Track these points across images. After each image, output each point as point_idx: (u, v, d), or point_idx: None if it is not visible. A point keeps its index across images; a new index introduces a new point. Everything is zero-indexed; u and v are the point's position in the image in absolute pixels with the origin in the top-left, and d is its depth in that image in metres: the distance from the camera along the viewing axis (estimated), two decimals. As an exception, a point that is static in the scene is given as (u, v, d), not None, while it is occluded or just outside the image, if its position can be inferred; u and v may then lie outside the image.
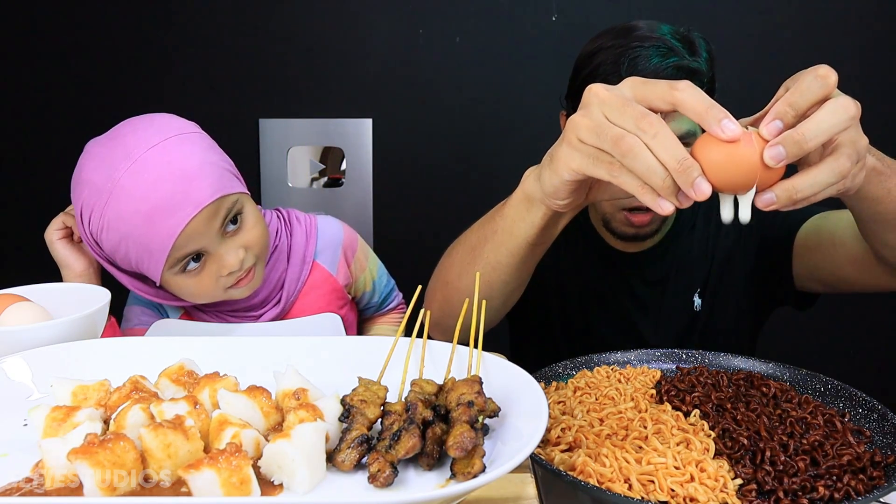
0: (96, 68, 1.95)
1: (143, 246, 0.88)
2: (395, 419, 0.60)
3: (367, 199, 2.11)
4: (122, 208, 0.86)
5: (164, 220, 0.86)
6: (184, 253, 0.90)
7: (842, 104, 0.59)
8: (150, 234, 0.87)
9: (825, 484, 0.64)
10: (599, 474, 0.65)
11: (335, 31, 1.96)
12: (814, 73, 0.60)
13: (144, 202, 0.86)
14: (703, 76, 1.05)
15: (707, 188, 0.57)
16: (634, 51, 1.03)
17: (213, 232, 0.91)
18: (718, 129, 0.57)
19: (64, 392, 0.64)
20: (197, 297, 0.97)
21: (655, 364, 0.93)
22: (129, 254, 0.90)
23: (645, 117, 0.59)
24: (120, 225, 0.87)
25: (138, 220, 0.86)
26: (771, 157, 0.58)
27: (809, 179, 0.59)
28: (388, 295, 1.25)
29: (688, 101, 0.60)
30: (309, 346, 0.74)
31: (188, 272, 0.93)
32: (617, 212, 1.13)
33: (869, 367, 1.91)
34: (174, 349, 0.72)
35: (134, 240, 0.88)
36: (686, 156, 0.58)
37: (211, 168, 0.90)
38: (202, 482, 0.50)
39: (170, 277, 0.93)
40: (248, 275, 0.97)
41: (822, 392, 0.84)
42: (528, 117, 2.00)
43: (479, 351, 0.70)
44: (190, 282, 0.94)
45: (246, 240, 0.95)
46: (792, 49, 1.82)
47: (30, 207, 1.87)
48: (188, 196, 0.87)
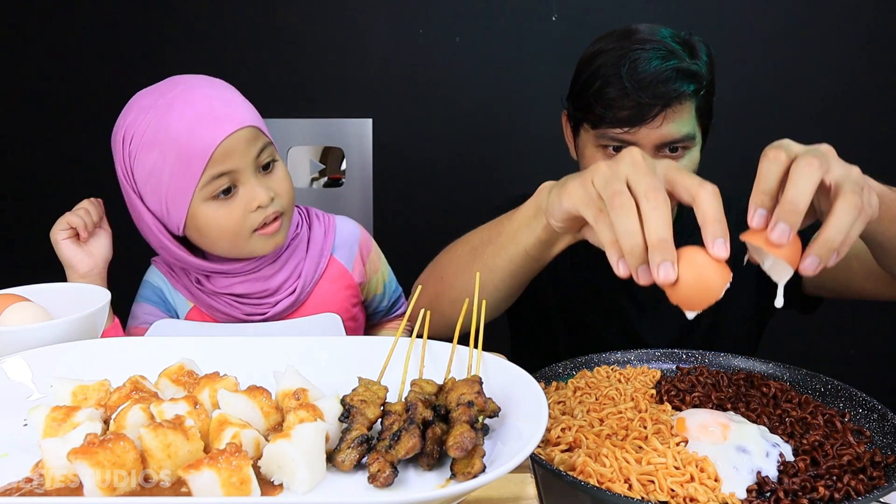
0: (97, 69, 1.95)
1: (181, 158, 0.90)
2: (395, 419, 0.60)
3: (367, 199, 2.11)
4: (168, 117, 0.90)
5: (206, 129, 0.90)
6: (220, 170, 0.92)
7: (805, 166, 0.61)
8: (192, 143, 0.90)
9: (825, 484, 0.64)
10: (599, 474, 0.65)
11: (335, 31, 1.97)
12: (765, 158, 0.64)
13: (190, 110, 0.90)
14: (702, 79, 1.06)
15: (671, 276, 0.58)
16: (635, 53, 1.04)
17: (249, 160, 0.94)
18: (711, 243, 0.60)
19: (64, 392, 0.64)
20: (222, 237, 0.96)
21: (655, 364, 0.93)
22: (162, 176, 0.92)
23: (658, 192, 0.61)
24: (162, 137, 0.90)
25: (182, 128, 0.89)
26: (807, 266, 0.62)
27: (835, 228, 0.61)
28: (397, 301, 1.26)
29: (705, 203, 0.62)
30: (309, 346, 0.74)
31: (218, 199, 0.94)
32: None
33: (869, 367, 1.91)
34: (174, 349, 0.72)
35: (174, 153, 0.90)
36: (669, 240, 0.59)
37: (251, 109, 0.97)
38: (202, 482, 0.50)
39: (199, 206, 0.94)
40: (275, 222, 0.98)
41: (822, 392, 0.84)
42: (527, 117, 2.00)
43: (479, 351, 0.70)
44: (220, 212, 0.94)
45: (277, 186, 0.98)
46: (792, 49, 1.82)
47: (30, 207, 1.87)
48: (231, 114, 0.92)
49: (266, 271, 1.04)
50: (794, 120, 1.83)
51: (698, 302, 0.59)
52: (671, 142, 1.06)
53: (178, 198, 0.93)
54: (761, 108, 1.81)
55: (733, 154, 1.78)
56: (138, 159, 0.93)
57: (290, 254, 1.08)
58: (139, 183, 0.95)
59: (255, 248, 0.99)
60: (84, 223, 1.00)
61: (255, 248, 0.99)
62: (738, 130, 1.80)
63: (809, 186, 0.61)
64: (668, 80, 1.02)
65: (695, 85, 1.04)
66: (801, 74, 1.82)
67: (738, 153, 1.78)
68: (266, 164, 0.98)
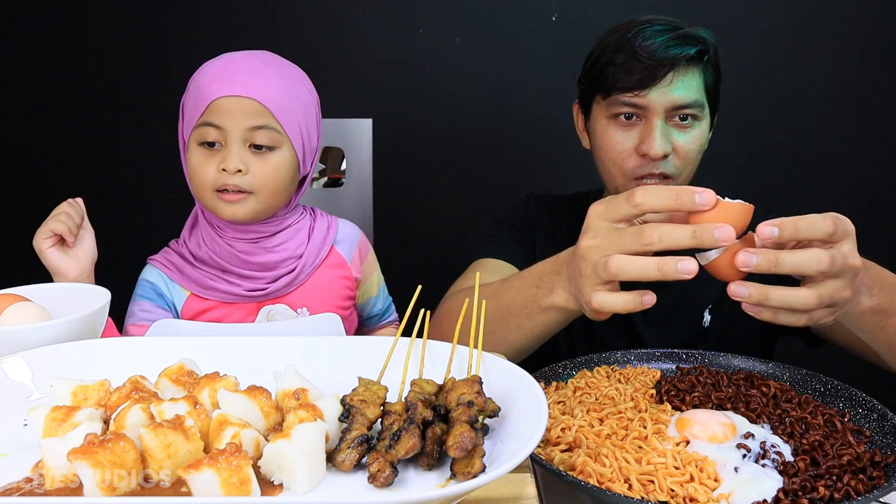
0: (96, 70, 1.95)
1: (199, 94, 1.03)
2: (395, 419, 0.60)
3: (367, 199, 2.11)
4: (211, 66, 1.05)
5: (218, 83, 1.02)
6: (210, 120, 1.02)
7: (821, 255, 0.67)
8: (203, 88, 1.02)
9: (825, 484, 0.64)
10: (599, 474, 0.65)
11: (335, 31, 1.96)
12: (825, 217, 0.68)
13: (223, 66, 1.04)
14: (706, 43, 1.10)
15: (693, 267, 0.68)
16: (642, 25, 1.10)
17: (240, 128, 1.02)
18: (698, 205, 0.68)
19: (64, 392, 0.64)
20: (195, 183, 1.06)
21: (655, 364, 0.93)
22: (183, 107, 1.06)
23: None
24: (198, 73, 1.05)
25: (209, 76, 1.03)
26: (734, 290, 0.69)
27: (780, 294, 0.68)
28: (388, 307, 1.31)
29: (649, 202, 0.71)
30: (309, 346, 0.74)
31: (203, 147, 1.04)
32: (628, 182, 1.14)
33: (869, 367, 1.90)
34: (174, 349, 0.72)
35: (196, 84, 1.04)
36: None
37: (278, 94, 1.03)
38: (202, 482, 0.50)
39: (192, 146, 1.05)
40: (237, 194, 1.04)
41: (822, 392, 0.84)
42: (527, 117, 2.00)
43: (479, 351, 0.70)
44: (199, 158, 1.04)
45: (255, 167, 1.04)
46: (792, 49, 1.82)
47: (30, 207, 1.87)
48: (247, 83, 1.02)
49: (265, 242, 1.10)
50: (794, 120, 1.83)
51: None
52: (681, 106, 1.09)
53: (186, 127, 1.06)
54: (761, 104, 1.81)
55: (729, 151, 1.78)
56: (185, 99, 1.08)
57: (292, 235, 1.13)
58: (182, 109, 1.08)
59: (217, 208, 1.05)
60: (68, 228, 1.00)
61: (217, 208, 1.05)
62: (739, 130, 1.80)
63: (811, 268, 0.67)
64: (674, 45, 1.07)
65: (699, 47, 1.09)
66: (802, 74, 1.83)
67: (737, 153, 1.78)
68: (260, 146, 1.03)
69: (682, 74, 1.08)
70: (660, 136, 1.08)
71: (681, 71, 1.08)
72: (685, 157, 1.11)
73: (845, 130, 1.84)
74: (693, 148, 1.12)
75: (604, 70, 1.11)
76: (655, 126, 1.08)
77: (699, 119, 1.12)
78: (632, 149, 1.11)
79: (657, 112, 1.08)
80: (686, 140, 1.11)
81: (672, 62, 1.06)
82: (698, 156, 1.14)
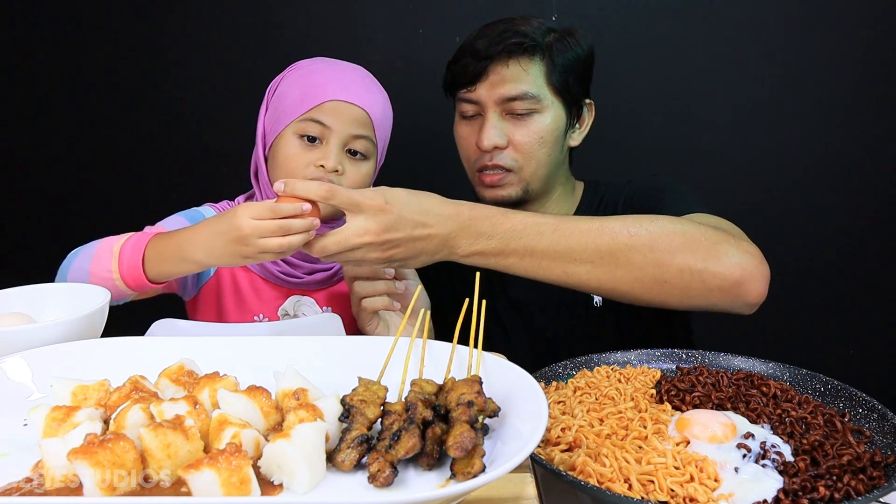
0: (96, 70, 1.95)
1: (304, 91, 1.09)
2: (395, 419, 0.60)
3: (367, 199, 2.11)
4: (322, 68, 1.12)
5: (334, 86, 1.08)
6: (316, 117, 1.07)
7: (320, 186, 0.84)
8: (316, 87, 1.08)
9: (825, 484, 0.64)
10: (599, 474, 0.65)
11: (335, 31, 1.96)
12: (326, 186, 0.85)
13: (338, 73, 1.11)
14: (531, 39, 1.14)
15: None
16: (482, 28, 1.18)
17: (343, 132, 1.08)
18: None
19: (64, 392, 0.64)
20: (288, 167, 1.09)
21: (655, 364, 0.93)
22: (286, 96, 1.10)
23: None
24: (305, 73, 1.12)
25: (321, 77, 1.09)
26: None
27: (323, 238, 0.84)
28: None
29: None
30: (309, 346, 0.74)
31: (302, 140, 1.09)
32: (474, 174, 1.21)
33: (869, 367, 1.90)
34: (174, 349, 0.73)
35: (302, 85, 1.10)
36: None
37: (383, 111, 1.13)
38: (202, 482, 0.50)
39: (288, 133, 1.09)
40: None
41: (822, 392, 0.84)
42: (528, 117, 2.00)
43: (479, 351, 0.70)
44: (295, 149, 1.09)
45: (348, 177, 1.09)
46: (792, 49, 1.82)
47: (30, 207, 1.87)
48: (360, 95, 1.09)
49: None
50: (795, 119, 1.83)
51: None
52: (510, 99, 1.13)
53: (283, 117, 1.10)
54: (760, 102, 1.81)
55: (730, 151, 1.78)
56: (282, 82, 1.13)
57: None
58: (270, 96, 1.14)
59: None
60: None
61: None
62: (738, 130, 1.80)
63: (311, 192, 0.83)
64: (497, 41, 1.13)
65: (521, 40, 1.13)
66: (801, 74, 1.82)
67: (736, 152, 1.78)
68: (355, 153, 1.11)
69: (509, 70, 1.13)
70: (490, 128, 1.14)
71: (510, 65, 1.13)
72: (522, 150, 1.15)
73: (846, 130, 1.84)
74: (530, 140, 1.15)
75: (449, 71, 1.21)
76: (488, 119, 1.15)
77: (538, 112, 1.14)
78: (473, 142, 1.18)
79: (489, 106, 1.15)
80: (523, 133, 1.15)
81: (490, 56, 1.13)
82: (541, 148, 1.16)
